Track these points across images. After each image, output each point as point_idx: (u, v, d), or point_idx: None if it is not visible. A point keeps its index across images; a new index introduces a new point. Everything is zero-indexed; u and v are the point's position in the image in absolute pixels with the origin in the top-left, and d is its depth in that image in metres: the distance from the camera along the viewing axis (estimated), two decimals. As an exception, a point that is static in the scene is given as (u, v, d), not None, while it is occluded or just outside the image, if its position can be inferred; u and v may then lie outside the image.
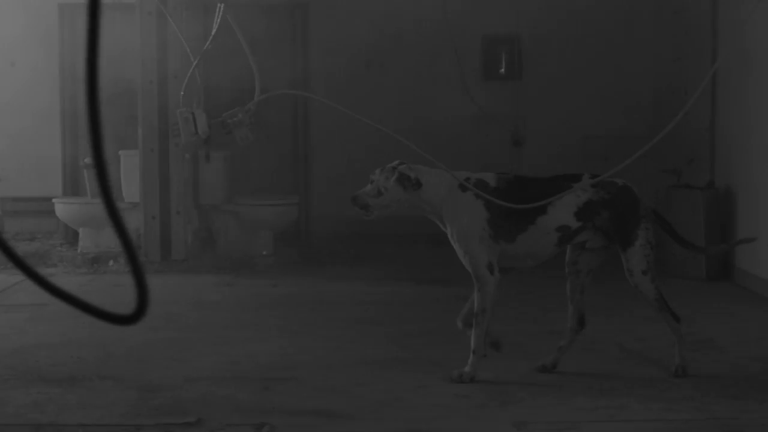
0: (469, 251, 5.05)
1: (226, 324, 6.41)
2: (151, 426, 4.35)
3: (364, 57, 9.54)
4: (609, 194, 5.12)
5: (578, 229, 5.12)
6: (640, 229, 5.11)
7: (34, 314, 6.68)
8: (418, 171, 5.14)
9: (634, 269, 5.13)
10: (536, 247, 5.13)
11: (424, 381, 5.08)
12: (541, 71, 9.64)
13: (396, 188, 5.09)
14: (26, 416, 4.49)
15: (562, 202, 5.07)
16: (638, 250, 5.09)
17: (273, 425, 4.35)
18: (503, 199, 5.08)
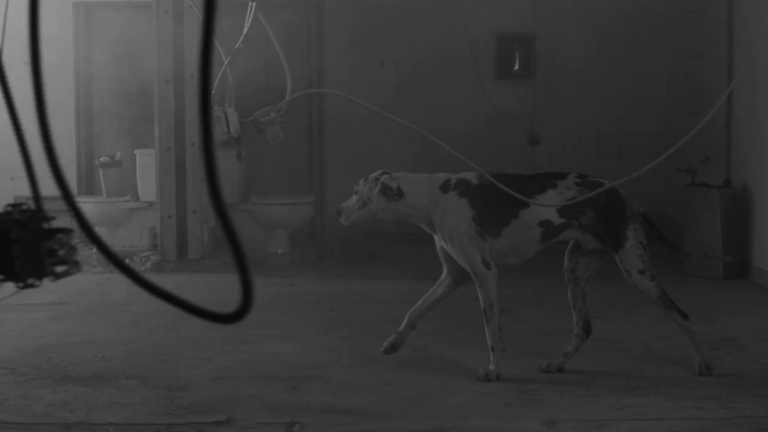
0: (462, 250, 5.11)
1: (248, 323, 6.31)
2: (181, 425, 4.35)
3: (378, 56, 9.53)
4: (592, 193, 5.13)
5: (561, 225, 5.13)
6: (629, 230, 5.12)
7: (54, 313, 6.68)
8: (401, 180, 5.20)
9: (631, 270, 5.14)
10: (520, 243, 5.17)
11: (449, 380, 5.08)
12: (555, 70, 9.64)
13: (380, 198, 5.17)
14: (55, 415, 4.49)
15: (545, 197, 5.12)
16: (630, 250, 5.11)
17: (303, 424, 4.35)
18: (485, 196, 5.14)
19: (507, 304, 7.00)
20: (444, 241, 5.18)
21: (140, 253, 8.40)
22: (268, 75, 8.85)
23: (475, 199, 5.13)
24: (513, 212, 5.12)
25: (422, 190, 5.18)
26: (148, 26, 8.86)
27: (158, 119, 8.09)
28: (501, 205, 5.12)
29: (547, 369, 5.24)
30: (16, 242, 1.51)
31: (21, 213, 1.54)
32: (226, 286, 7.67)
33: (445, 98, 9.57)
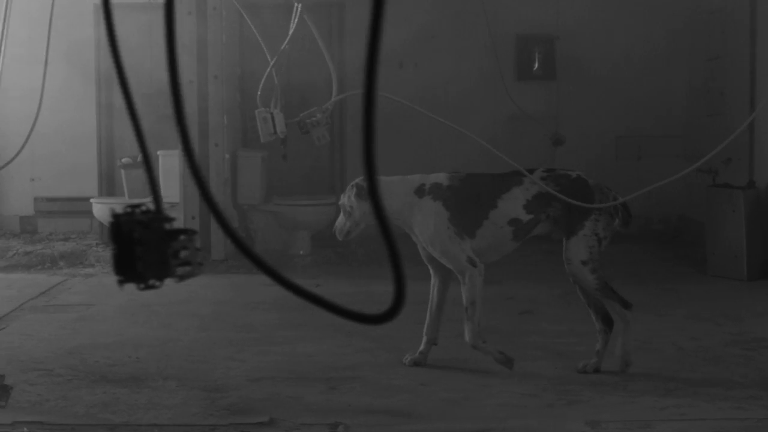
0: (446, 252, 5.18)
1: (277, 324, 6.41)
2: (224, 426, 4.35)
3: (397, 56, 9.54)
4: (559, 186, 5.16)
5: (531, 221, 5.17)
6: (589, 220, 5.12)
7: (83, 314, 6.68)
8: None
9: (573, 258, 5.13)
10: (495, 242, 5.23)
11: (485, 380, 5.08)
12: (574, 71, 9.65)
13: (359, 203, 5.26)
14: (97, 416, 4.49)
15: (510, 195, 5.16)
16: (582, 239, 5.11)
17: (347, 425, 4.35)
18: (458, 197, 5.19)
19: (534, 305, 7.02)
20: (426, 244, 5.24)
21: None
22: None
23: (448, 200, 5.20)
24: (483, 213, 5.17)
25: (396, 192, 5.24)
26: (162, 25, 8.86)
27: (182, 120, 8.07)
28: (471, 207, 5.18)
29: (584, 369, 5.25)
30: (140, 243, 1.51)
31: (143, 214, 1.54)
32: (250, 287, 7.70)
33: (465, 99, 9.57)
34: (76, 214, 9.62)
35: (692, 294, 7.42)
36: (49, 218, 9.71)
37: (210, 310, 6.82)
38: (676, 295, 7.37)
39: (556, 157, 9.68)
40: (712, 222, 8.12)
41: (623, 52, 9.74)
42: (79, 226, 9.72)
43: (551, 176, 5.21)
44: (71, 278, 8.07)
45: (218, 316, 6.62)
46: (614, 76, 9.72)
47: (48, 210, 9.70)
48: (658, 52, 9.77)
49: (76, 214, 9.62)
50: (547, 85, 9.71)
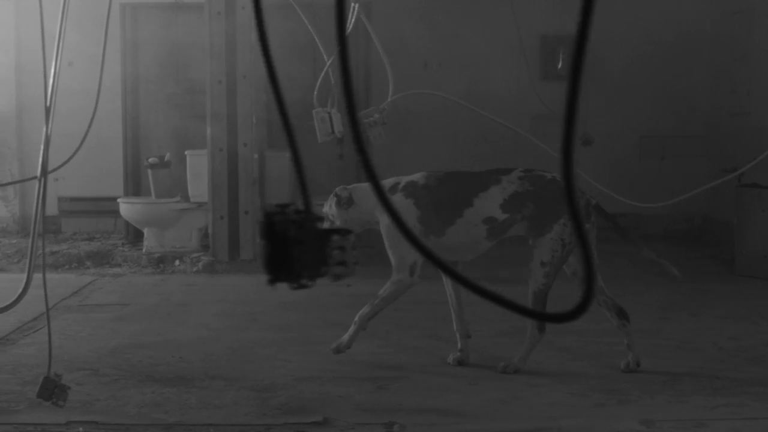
0: (395, 247, 5.27)
1: (313, 323, 6.41)
2: (279, 426, 4.35)
3: (422, 57, 9.54)
4: (533, 186, 5.22)
5: (506, 221, 5.22)
6: (558, 224, 5.16)
7: (119, 314, 6.67)
8: (354, 189, 5.42)
9: (535, 257, 5.18)
10: (468, 240, 5.28)
11: (533, 380, 5.08)
12: (598, 72, 9.64)
13: (339, 211, 5.39)
14: (150, 416, 4.49)
15: (488, 194, 5.22)
16: (547, 242, 5.15)
17: (402, 424, 4.35)
18: (432, 194, 5.27)
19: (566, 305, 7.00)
20: (383, 235, 5.34)
21: (190, 254, 8.40)
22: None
23: (420, 199, 5.27)
24: (458, 212, 5.23)
25: (370, 195, 5.29)
26: (194, 27, 8.86)
27: (210, 120, 8.09)
28: (446, 205, 5.24)
29: (628, 368, 5.25)
30: (298, 242, 1.51)
31: (296, 213, 1.54)
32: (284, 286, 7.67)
33: (489, 99, 9.55)
34: (100, 214, 9.61)
35: (724, 294, 7.43)
36: (72, 218, 9.70)
37: (244, 310, 6.82)
38: (709, 295, 7.37)
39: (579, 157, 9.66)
40: (741, 222, 8.12)
41: (647, 52, 9.74)
42: (103, 225, 9.72)
43: (528, 176, 5.27)
44: (100, 278, 8.06)
45: (253, 316, 6.62)
46: (638, 76, 9.72)
47: (72, 210, 9.69)
48: (682, 53, 9.77)
49: (100, 213, 9.61)
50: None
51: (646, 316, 6.59)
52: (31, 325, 6.29)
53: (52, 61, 4.24)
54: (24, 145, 9.74)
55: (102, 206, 9.52)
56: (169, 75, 9.05)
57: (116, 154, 9.46)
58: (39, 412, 4.53)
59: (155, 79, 9.06)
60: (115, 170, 9.29)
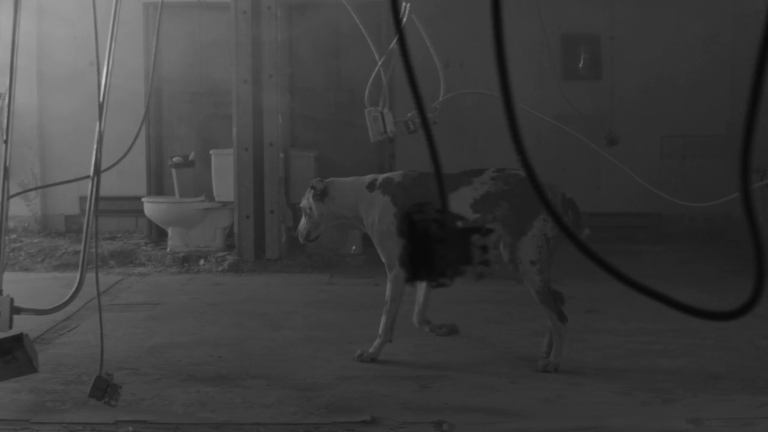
0: (381, 244, 5.40)
1: (347, 323, 6.40)
2: (328, 425, 4.35)
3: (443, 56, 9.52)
4: (508, 185, 5.29)
5: (477, 221, 5.25)
6: (537, 221, 5.21)
7: (151, 313, 6.67)
8: (331, 183, 5.53)
9: (523, 258, 5.22)
10: None
11: (574, 379, 5.08)
12: (620, 71, 9.65)
13: (316, 204, 5.50)
14: (197, 415, 4.49)
15: (458, 194, 5.29)
16: (530, 240, 5.21)
17: (451, 423, 4.36)
18: (407, 192, 5.38)
19: (597, 304, 7.01)
20: (368, 231, 5.48)
21: (214, 254, 8.40)
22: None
23: (397, 196, 5.38)
24: None
25: (350, 191, 5.46)
26: (218, 26, 8.86)
27: (236, 119, 8.09)
28: None
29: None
30: (440, 240, 1.51)
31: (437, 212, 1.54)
32: (312, 286, 7.69)
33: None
34: (122, 213, 9.61)
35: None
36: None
37: (275, 309, 6.81)
38: (737, 295, 7.36)
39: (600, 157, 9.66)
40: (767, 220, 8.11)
41: (667, 52, 9.74)
42: (125, 225, 9.72)
43: (501, 176, 5.34)
44: (127, 277, 8.06)
45: (286, 315, 6.62)
46: (659, 76, 9.71)
47: (93, 209, 9.68)
48: (704, 52, 9.76)
49: (122, 213, 9.61)
50: (592, 85, 9.71)
51: (679, 316, 6.56)
52: (65, 324, 6.30)
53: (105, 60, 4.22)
54: (45, 145, 9.74)
55: (123, 206, 9.51)
56: (192, 74, 9.05)
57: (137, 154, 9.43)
58: (85, 411, 4.53)
59: (178, 78, 9.05)
60: (137, 170, 9.27)
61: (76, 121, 9.44)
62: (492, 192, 5.26)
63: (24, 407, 4.62)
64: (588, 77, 9.68)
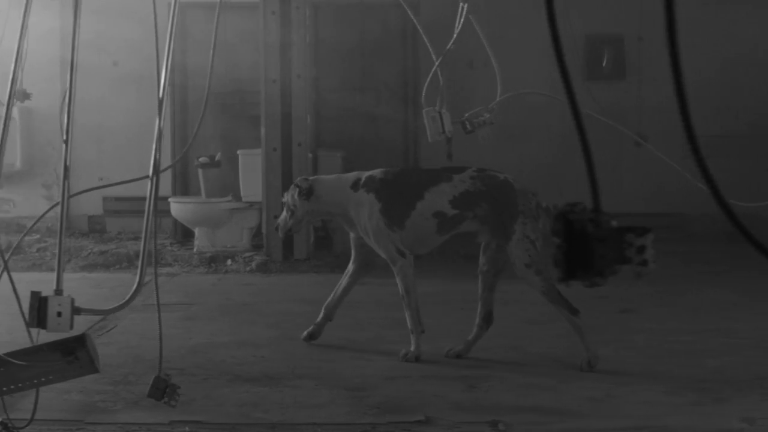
0: (377, 240, 5.49)
1: (383, 323, 6.41)
2: (384, 425, 4.35)
3: (467, 56, 9.54)
4: (486, 186, 5.39)
5: (455, 217, 5.42)
6: (517, 224, 5.31)
7: (186, 313, 6.67)
8: (315, 182, 5.66)
9: (517, 262, 5.32)
10: (421, 233, 5.51)
11: (621, 379, 5.08)
12: (644, 71, 9.66)
13: (301, 202, 5.60)
14: (251, 415, 4.49)
15: (438, 189, 5.42)
16: (517, 244, 5.30)
17: (507, 422, 4.36)
18: (389, 189, 5.51)
19: (630, 304, 7.02)
20: (362, 233, 5.57)
21: (242, 254, 8.40)
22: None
23: (380, 193, 5.51)
24: (411, 205, 5.45)
25: (335, 189, 5.59)
26: (243, 26, 8.87)
27: (265, 119, 8.09)
28: (401, 199, 5.49)
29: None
30: (600, 240, 1.52)
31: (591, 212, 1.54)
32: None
33: (533, 99, 9.57)
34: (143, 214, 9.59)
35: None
36: (117, 217, 9.70)
37: (310, 309, 6.79)
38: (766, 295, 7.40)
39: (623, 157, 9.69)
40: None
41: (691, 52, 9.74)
42: (148, 225, 9.70)
43: (480, 176, 5.44)
44: (156, 277, 8.05)
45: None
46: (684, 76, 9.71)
47: (116, 209, 9.69)
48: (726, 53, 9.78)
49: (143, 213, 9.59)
50: (616, 85, 9.72)
51: (714, 316, 6.61)
52: (102, 324, 6.30)
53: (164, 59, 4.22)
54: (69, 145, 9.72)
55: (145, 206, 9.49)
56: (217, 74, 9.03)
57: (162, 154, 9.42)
58: (137, 411, 4.54)
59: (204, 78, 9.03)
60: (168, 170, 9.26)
61: (100, 121, 9.44)
62: (471, 191, 5.40)
63: (76, 407, 4.62)
64: (611, 77, 9.69)
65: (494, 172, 5.45)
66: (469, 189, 5.40)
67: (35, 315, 3.98)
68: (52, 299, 4.02)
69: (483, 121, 4.84)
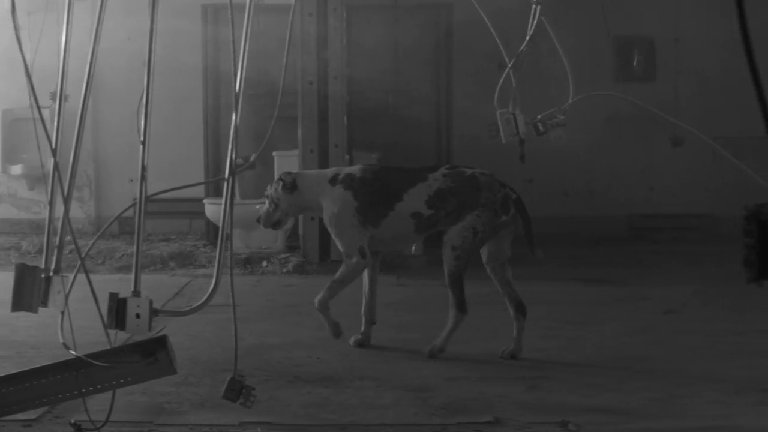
0: (341, 234, 5.66)
1: (431, 323, 6.36)
2: (454, 425, 4.35)
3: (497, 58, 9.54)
4: (454, 182, 5.57)
5: (431, 216, 5.56)
6: (471, 215, 5.48)
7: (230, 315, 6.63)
8: (297, 176, 5.83)
9: (446, 242, 5.53)
10: (398, 233, 5.68)
11: (680, 380, 5.08)
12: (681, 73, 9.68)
13: (284, 195, 5.77)
14: (319, 416, 4.49)
15: (415, 190, 5.58)
16: (459, 229, 5.50)
17: (577, 423, 4.36)
18: (367, 187, 5.66)
19: (674, 305, 7.03)
20: (326, 224, 5.74)
21: (277, 255, 8.40)
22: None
23: (358, 191, 5.64)
24: (390, 205, 5.60)
25: (315, 184, 5.74)
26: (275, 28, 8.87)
27: (302, 121, 8.10)
28: (380, 199, 5.63)
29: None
30: (801, 240, 1.52)
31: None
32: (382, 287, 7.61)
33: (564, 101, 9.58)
34: (175, 215, 9.62)
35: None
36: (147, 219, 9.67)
37: (354, 311, 6.78)
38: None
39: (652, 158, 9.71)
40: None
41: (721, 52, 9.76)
42: (178, 226, 9.73)
43: (450, 174, 5.63)
44: (194, 279, 8.07)
45: (367, 316, 6.61)
46: (712, 77, 9.75)
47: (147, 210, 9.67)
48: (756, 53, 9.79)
49: (175, 214, 9.62)
50: (646, 87, 9.73)
51: (759, 316, 6.62)
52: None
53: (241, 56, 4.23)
54: (99, 146, 9.75)
55: (177, 207, 9.52)
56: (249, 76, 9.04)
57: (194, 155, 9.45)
58: (205, 412, 4.55)
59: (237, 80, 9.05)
60: (192, 171, 9.27)
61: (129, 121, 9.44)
62: (443, 188, 5.58)
63: (142, 409, 4.63)
64: (642, 79, 9.71)
65: (464, 168, 5.66)
66: (441, 187, 5.58)
67: (114, 317, 4.01)
68: (131, 301, 4.04)
69: (556, 122, 4.87)
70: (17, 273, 4.04)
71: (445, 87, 9.25)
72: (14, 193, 9.89)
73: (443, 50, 9.36)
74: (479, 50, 9.39)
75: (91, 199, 9.69)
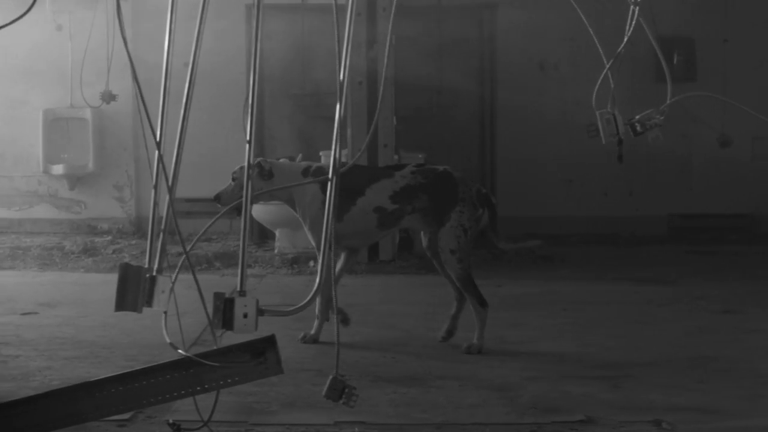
0: (313, 227, 5.74)
1: (494, 323, 6.30)
2: (548, 424, 4.36)
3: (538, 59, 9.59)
4: (426, 179, 5.69)
5: (395, 211, 5.68)
6: (454, 212, 5.59)
7: (295, 315, 6.65)
8: (273, 165, 5.93)
9: (444, 247, 5.61)
10: (361, 227, 5.76)
11: (761, 379, 5.10)
12: (729, 73, 9.70)
13: (257, 181, 5.80)
14: (412, 416, 4.49)
15: (379, 185, 5.71)
16: (449, 230, 5.58)
17: (671, 422, 4.38)
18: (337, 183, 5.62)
19: (730, 305, 7.05)
20: (300, 217, 5.84)
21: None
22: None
23: (324, 185, 5.58)
24: (352, 200, 5.69)
25: (288, 175, 5.84)
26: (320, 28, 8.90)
27: (351, 121, 8.12)
28: (344, 193, 5.61)
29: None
30: None
31: None
32: (433, 287, 7.70)
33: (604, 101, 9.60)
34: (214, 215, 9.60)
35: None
36: (187, 219, 9.66)
37: (414, 310, 6.85)
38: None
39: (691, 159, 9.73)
40: None
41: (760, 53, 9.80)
42: (218, 227, 9.72)
43: (420, 171, 5.76)
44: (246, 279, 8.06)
45: (428, 315, 6.64)
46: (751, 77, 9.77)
47: (186, 211, 9.68)
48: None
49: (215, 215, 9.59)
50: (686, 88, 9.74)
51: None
52: (211, 326, 6.29)
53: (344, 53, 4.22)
54: (139, 146, 9.74)
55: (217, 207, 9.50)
56: (294, 76, 9.08)
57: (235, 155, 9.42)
58: (296, 412, 4.57)
59: (280, 80, 9.08)
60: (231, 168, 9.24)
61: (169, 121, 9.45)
62: (411, 185, 5.68)
63: (232, 408, 4.63)
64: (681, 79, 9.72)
65: (433, 166, 5.79)
66: (410, 183, 5.68)
67: (220, 316, 4.02)
68: (238, 300, 4.05)
69: (654, 123, 4.88)
70: (121, 273, 4.04)
71: (489, 86, 9.27)
72: (55, 193, 9.88)
73: (486, 49, 9.38)
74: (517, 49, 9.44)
75: (132, 199, 9.69)
